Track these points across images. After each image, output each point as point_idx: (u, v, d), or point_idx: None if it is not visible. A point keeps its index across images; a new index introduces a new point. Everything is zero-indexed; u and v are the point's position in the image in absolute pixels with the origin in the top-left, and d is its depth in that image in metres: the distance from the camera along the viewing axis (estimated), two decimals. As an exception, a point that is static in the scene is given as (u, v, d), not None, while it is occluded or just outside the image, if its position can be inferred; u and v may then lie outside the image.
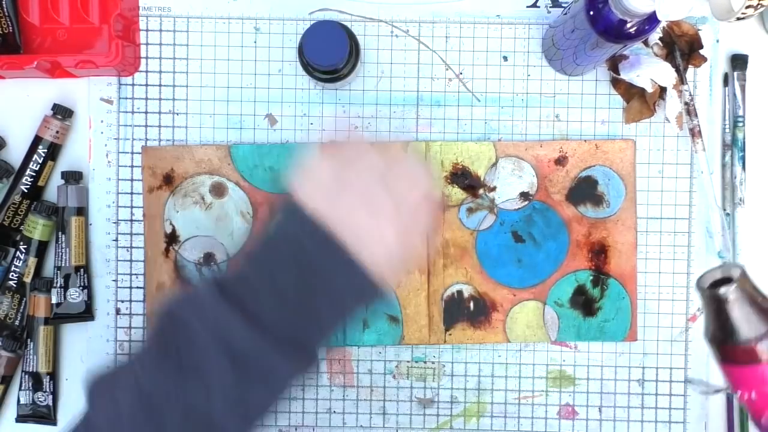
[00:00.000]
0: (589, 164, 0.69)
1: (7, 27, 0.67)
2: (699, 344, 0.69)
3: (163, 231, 0.69)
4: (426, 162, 0.60)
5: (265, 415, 0.47)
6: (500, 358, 0.70)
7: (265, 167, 0.68)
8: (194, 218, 0.69)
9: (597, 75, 0.69)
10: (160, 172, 0.69)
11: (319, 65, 0.61)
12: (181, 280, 0.69)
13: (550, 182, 0.69)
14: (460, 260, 0.69)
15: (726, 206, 0.70)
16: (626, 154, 0.69)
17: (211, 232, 0.69)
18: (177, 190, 0.69)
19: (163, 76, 0.69)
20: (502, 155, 0.69)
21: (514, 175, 0.69)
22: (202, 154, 0.69)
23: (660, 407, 0.70)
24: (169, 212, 0.69)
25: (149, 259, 0.69)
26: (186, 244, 0.69)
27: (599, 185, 0.68)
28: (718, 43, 0.69)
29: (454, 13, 0.69)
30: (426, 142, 0.68)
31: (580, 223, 0.69)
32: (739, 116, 0.69)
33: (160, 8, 0.69)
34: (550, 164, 0.69)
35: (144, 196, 0.69)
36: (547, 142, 0.68)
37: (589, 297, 0.69)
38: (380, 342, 0.69)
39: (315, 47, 0.60)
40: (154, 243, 0.69)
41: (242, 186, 0.69)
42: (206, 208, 0.69)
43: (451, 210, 0.69)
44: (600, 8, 0.56)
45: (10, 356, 0.67)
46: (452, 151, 0.68)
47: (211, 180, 0.69)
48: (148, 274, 0.69)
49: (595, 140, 0.69)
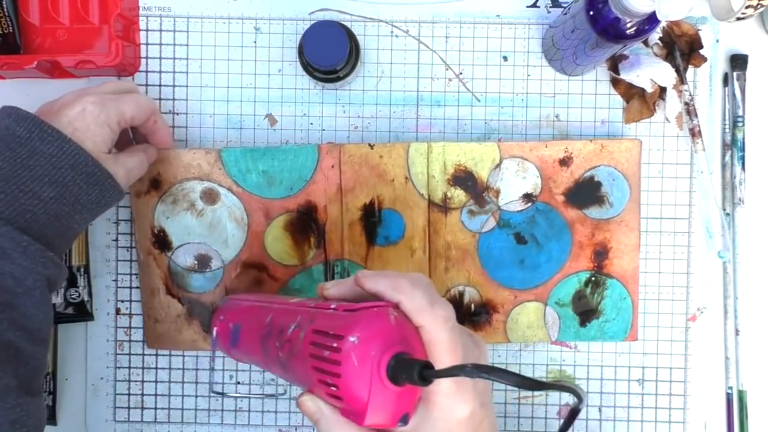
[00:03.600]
0: (594, 164, 0.68)
1: (7, 27, 0.67)
2: (699, 344, 0.70)
3: (154, 237, 0.68)
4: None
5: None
6: (500, 358, 0.70)
7: (259, 171, 0.67)
8: (186, 225, 0.67)
9: (597, 75, 0.70)
10: (147, 176, 0.66)
11: (319, 65, 0.61)
12: (177, 286, 0.68)
13: (554, 183, 0.68)
14: (462, 262, 0.68)
15: (726, 206, 0.70)
16: (632, 154, 0.68)
17: (204, 239, 0.67)
18: (165, 196, 0.67)
19: (163, 76, 0.69)
20: (506, 156, 0.67)
21: (518, 176, 0.68)
22: (189, 158, 0.66)
23: (660, 407, 0.70)
24: (159, 218, 0.67)
25: (142, 264, 0.68)
26: (178, 250, 0.68)
27: (602, 186, 0.68)
28: (718, 43, 0.69)
29: (454, 13, 0.69)
30: (428, 143, 0.67)
31: (584, 224, 0.68)
32: (739, 116, 0.69)
33: (160, 8, 0.69)
34: (554, 165, 0.68)
35: (132, 201, 0.68)
36: (552, 142, 0.68)
37: (590, 298, 0.69)
38: None
39: (315, 47, 0.60)
40: (146, 249, 0.68)
41: (235, 191, 0.67)
42: (198, 214, 0.67)
43: (453, 212, 0.68)
44: (600, 8, 0.56)
45: (10, 356, 0.67)
46: (455, 152, 0.67)
47: (201, 186, 0.67)
48: (142, 279, 0.68)
49: (600, 140, 0.68)
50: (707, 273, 0.70)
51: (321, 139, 0.69)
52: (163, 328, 0.68)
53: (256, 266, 0.68)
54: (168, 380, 0.70)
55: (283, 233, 0.67)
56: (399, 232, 0.68)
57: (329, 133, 0.69)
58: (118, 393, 0.70)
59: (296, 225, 0.67)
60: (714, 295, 0.70)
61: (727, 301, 0.70)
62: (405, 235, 0.68)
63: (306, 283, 0.68)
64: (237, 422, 0.70)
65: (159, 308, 0.68)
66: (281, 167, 0.67)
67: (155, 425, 0.70)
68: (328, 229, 0.67)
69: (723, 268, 0.70)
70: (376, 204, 0.67)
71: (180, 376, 0.70)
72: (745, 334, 0.69)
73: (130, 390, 0.70)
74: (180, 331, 0.68)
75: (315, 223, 0.67)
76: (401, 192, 0.67)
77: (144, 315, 0.69)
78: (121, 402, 0.70)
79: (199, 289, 0.68)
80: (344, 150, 0.67)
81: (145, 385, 0.70)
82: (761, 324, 0.70)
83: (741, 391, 0.69)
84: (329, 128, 0.69)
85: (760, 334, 0.70)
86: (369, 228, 0.67)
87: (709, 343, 0.70)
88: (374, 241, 0.68)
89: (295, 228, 0.67)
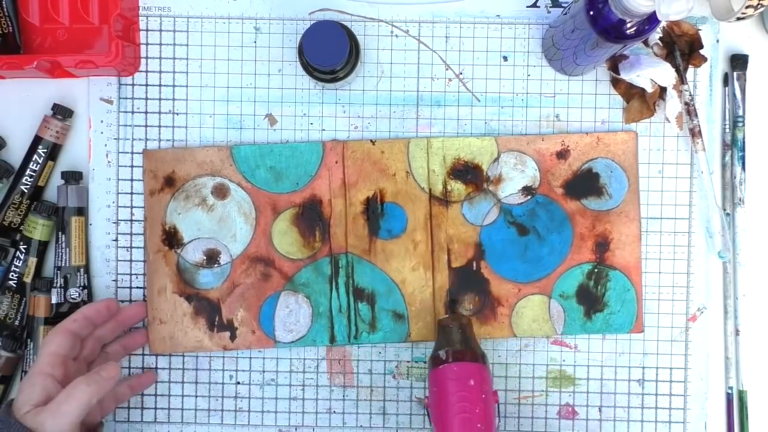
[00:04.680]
0: (591, 157, 0.69)
1: (7, 27, 0.67)
2: (699, 344, 0.69)
3: (164, 234, 0.69)
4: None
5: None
6: (500, 358, 0.70)
7: (267, 167, 0.68)
8: (196, 220, 0.69)
9: (597, 75, 0.69)
10: (162, 175, 0.68)
11: (319, 65, 0.61)
12: (184, 283, 0.69)
13: (553, 176, 0.69)
14: (464, 255, 0.69)
15: (726, 206, 0.70)
16: (628, 146, 0.69)
17: (214, 234, 0.69)
18: (178, 193, 0.69)
19: (163, 76, 0.69)
20: (504, 150, 0.68)
21: (517, 169, 0.69)
22: (203, 155, 0.69)
23: (660, 407, 0.70)
24: (171, 215, 0.69)
25: (150, 263, 0.69)
26: (188, 246, 0.69)
27: (601, 177, 0.68)
28: (718, 43, 0.69)
29: (454, 13, 0.69)
30: (427, 138, 0.68)
31: (584, 216, 0.69)
32: (739, 116, 0.69)
33: (160, 8, 0.69)
34: (552, 158, 0.69)
35: (145, 200, 0.69)
36: (549, 136, 0.68)
37: (594, 290, 0.69)
38: (386, 340, 0.69)
39: (315, 48, 0.60)
40: (156, 247, 0.69)
41: (244, 187, 0.69)
42: (208, 209, 0.69)
43: (454, 205, 0.69)
44: (600, 8, 0.56)
45: (10, 356, 0.67)
46: (454, 146, 0.68)
47: (213, 181, 0.69)
48: (149, 278, 0.69)
49: (597, 133, 0.68)
50: (707, 273, 0.70)
51: (321, 139, 0.69)
52: (168, 330, 0.68)
53: (263, 260, 0.69)
54: (168, 380, 0.70)
55: (289, 227, 0.69)
56: (402, 226, 0.68)
57: (329, 133, 0.69)
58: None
59: (302, 219, 0.69)
60: (714, 295, 0.70)
61: (728, 301, 0.70)
62: (407, 228, 0.68)
63: (311, 277, 0.68)
64: (237, 422, 0.70)
65: (165, 308, 0.68)
66: (288, 163, 0.68)
67: (155, 425, 0.70)
68: (332, 223, 0.68)
69: (723, 268, 0.70)
70: (378, 198, 0.68)
71: (180, 376, 0.70)
72: (745, 334, 0.69)
73: (130, 390, 0.70)
74: (185, 332, 0.69)
75: (320, 218, 0.68)
76: (403, 186, 0.68)
77: (149, 317, 0.69)
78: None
79: (206, 285, 0.69)
80: (347, 146, 0.68)
81: (145, 385, 0.70)
82: (761, 324, 0.70)
83: (741, 391, 0.69)
84: (329, 128, 0.69)
85: (761, 334, 0.70)
86: (372, 222, 0.68)
87: (709, 343, 0.70)
88: (377, 234, 0.68)
89: (301, 222, 0.68)
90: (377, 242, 0.69)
